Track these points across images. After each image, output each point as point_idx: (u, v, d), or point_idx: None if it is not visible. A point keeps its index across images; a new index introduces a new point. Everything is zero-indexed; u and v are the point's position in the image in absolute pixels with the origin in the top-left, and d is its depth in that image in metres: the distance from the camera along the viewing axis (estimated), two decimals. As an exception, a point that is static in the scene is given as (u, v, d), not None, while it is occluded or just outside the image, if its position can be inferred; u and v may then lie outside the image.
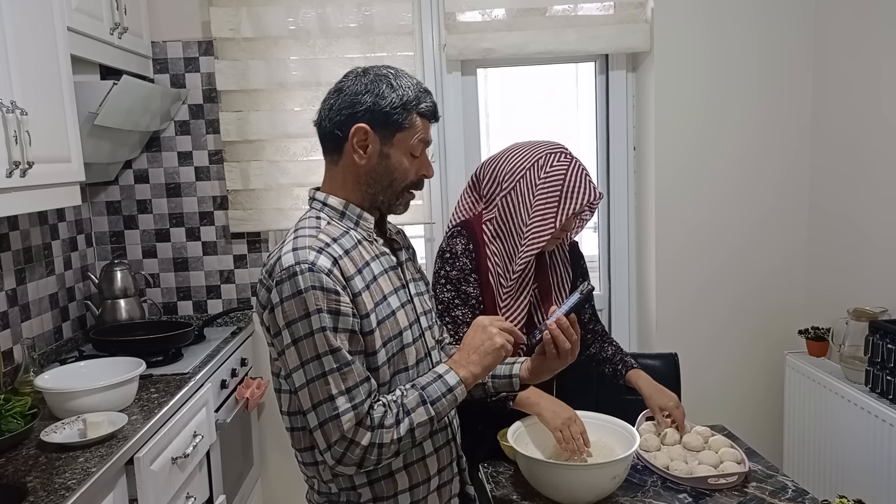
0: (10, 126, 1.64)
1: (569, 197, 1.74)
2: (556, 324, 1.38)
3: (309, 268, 1.20)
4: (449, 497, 1.43)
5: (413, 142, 1.32)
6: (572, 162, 1.78)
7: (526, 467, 1.64)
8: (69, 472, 1.53)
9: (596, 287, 3.08)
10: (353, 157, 1.31)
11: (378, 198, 1.34)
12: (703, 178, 2.83)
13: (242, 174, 2.77)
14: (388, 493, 1.33)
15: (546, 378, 1.47)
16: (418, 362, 1.35)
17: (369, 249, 1.33)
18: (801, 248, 2.90)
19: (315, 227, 1.30)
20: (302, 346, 1.21)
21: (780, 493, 1.62)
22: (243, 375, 2.69)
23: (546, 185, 1.75)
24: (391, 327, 1.29)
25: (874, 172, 2.48)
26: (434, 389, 1.27)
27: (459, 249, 1.81)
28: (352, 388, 1.21)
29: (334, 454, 1.22)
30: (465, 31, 2.74)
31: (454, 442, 1.44)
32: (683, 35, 2.75)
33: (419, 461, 1.35)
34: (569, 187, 1.74)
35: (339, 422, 1.20)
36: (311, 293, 1.19)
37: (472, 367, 1.30)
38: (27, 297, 2.31)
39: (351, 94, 1.30)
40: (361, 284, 1.26)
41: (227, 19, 2.67)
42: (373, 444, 1.22)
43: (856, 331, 2.36)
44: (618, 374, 1.96)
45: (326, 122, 1.32)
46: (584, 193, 1.74)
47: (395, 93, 1.29)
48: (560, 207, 1.74)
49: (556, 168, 1.76)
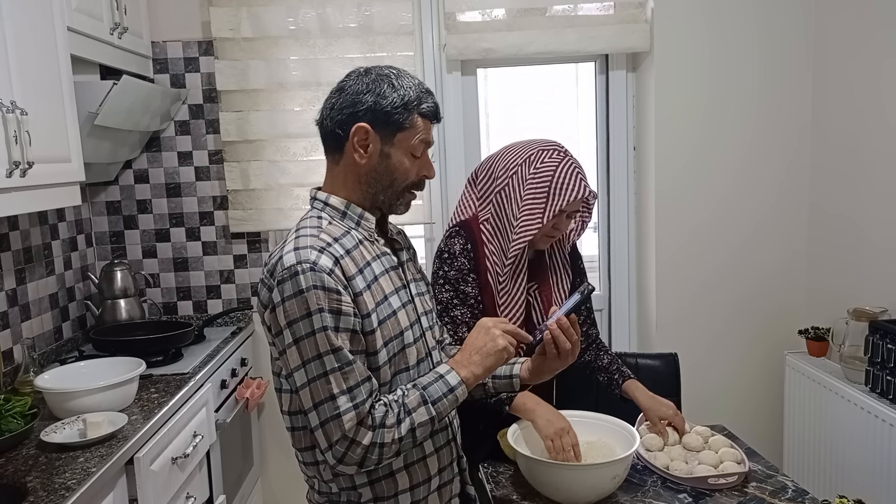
0: (10, 126, 1.64)
1: (557, 192, 1.75)
2: (556, 324, 1.38)
3: (311, 267, 1.21)
4: (449, 497, 1.43)
5: (414, 142, 1.32)
6: (564, 159, 1.79)
7: (526, 467, 1.64)
8: (69, 472, 1.53)
9: (596, 287, 3.09)
10: (353, 156, 1.31)
11: (379, 197, 1.35)
12: (704, 178, 2.83)
13: (242, 174, 2.77)
14: (389, 493, 1.33)
15: (546, 378, 1.47)
16: (419, 362, 1.36)
17: (370, 249, 1.33)
18: (801, 248, 2.90)
19: (317, 226, 1.30)
20: (303, 345, 1.21)
21: (780, 493, 1.62)
22: (243, 375, 2.69)
23: (535, 180, 1.77)
24: (392, 327, 1.30)
25: (874, 172, 2.48)
26: (435, 389, 1.27)
27: (457, 249, 1.82)
28: (353, 388, 1.21)
29: (335, 454, 1.22)
30: (465, 31, 2.74)
31: (454, 442, 1.44)
32: (683, 35, 2.75)
33: (420, 461, 1.36)
34: (557, 183, 1.75)
35: (341, 421, 1.20)
36: (313, 293, 1.20)
37: (474, 368, 1.30)
38: (27, 297, 2.31)
39: (352, 93, 1.30)
40: (363, 284, 1.27)
41: (227, 19, 2.67)
42: (374, 444, 1.22)
43: (856, 331, 2.36)
44: (613, 384, 1.95)
45: (328, 121, 1.33)
46: (573, 190, 1.75)
47: (397, 92, 1.29)
48: (548, 202, 1.75)
49: (547, 164, 1.78)
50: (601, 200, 3.03)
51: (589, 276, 3.07)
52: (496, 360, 1.32)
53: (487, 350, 1.31)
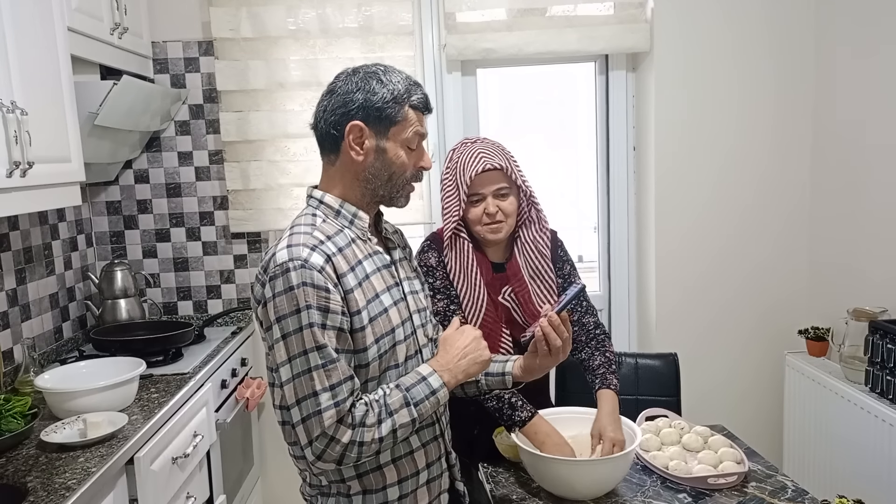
0: (10, 126, 1.64)
1: (461, 173, 1.78)
2: (547, 322, 1.42)
3: (301, 264, 1.23)
4: (438, 492, 1.45)
5: (408, 134, 1.35)
6: (466, 143, 1.83)
7: (530, 463, 1.65)
8: (69, 472, 1.53)
9: (596, 287, 3.10)
10: (350, 154, 1.33)
11: (379, 192, 1.37)
12: (703, 178, 2.83)
13: (242, 174, 2.77)
14: (378, 486, 1.35)
15: (538, 376, 1.50)
16: (408, 359, 1.38)
17: (362, 248, 1.36)
18: (801, 248, 2.90)
19: (311, 224, 1.33)
20: (290, 341, 1.23)
21: (779, 492, 1.62)
22: (243, 375, 2.69)
23: (447, 171, 1.83)
24: (383, 324, 1.32)
25: (874, 173, 2.47)
26: (418, 391, 1.30)
27: (433, 262, 1.85)
28: (335, 386, 1.23)
29: (315, 450, 1.24)
30: (465, 32, 2.74)
31: (443, 439, 1.46)
32: (683, 35, 2.75)
33: (407, 455, 1.38)
34: (460, 165, 1.79)
35: (321, 418, 1.22)
36: (302, 289, 1.22)
37: (457, 373, 1.35)
38: (27, 297, 2.32)
39: (343, 93, 1.33)
40: (353, 282, 1.29)
41: (227, 19, 2.67)
42: (353, 442, 1.24)
43: (856, 331, 2.36)
44: (593, 386, 1.90)
45: (322, 123, 1.35)
46: (472, 166, 1.77)
47: (386, 88, 1.32)
48: (457, 185, 1.79)
49: (452, 154, 1.83)
50: (601, 201, 3.03)
51: (589, 276, 3.06)
52: (478, 370, 1.39)
53: (474, 358, 1.37)
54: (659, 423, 1.91)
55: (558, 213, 2.96)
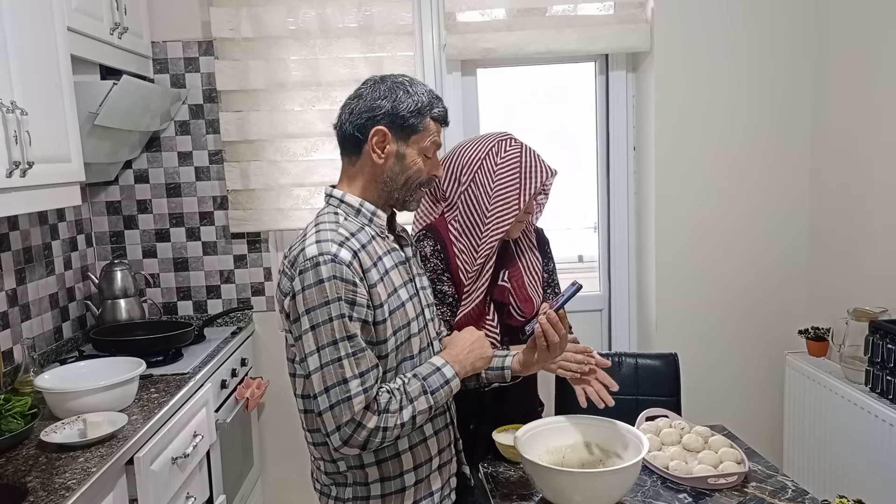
0: (10, 126, 1.64)
1: (529, 176, 1.77)
2: (545, 318, 1.49)
3: (331, 259, 1.31)
4: (448, 476, 1.55)
5: (426, 143, 1.45)
6: (524, 145, 1.83)
7: (531, 472, 1.63)
8: (69, 472, 1.53)
9: (596, 287, 3.10)
10: (371, 157, 1.42)
11: (393, 195, 1.46)
12: (703, 178, 2.83)
13: (242, 174, 2.77)
14: (395, 473, 1.44)
15: (536, 370, 1.60)
16: (421, 351, 1.47)
17: (382, 245, 1.44)
18: (801, 249, 2.90)
19: (335, 221, 1.40)
20: (319, 331, 1.30)
21: (779, 493, 1.62)
22: (243, 375, 2.69)
23: (504, 169, 1.78)
24: (400, 318, 1.41)
25: (874, 172, 2.47)
26: (434, 380, 1.40)
27: (428, 251, 1.83)
28: (364, 373, 1.32)
29: (342, 435, 1.31)
30: (465, 31, 2.74)
31: (452, 426, 1.57)
32: (683, 35, 2.75)
33: (421, 443, 1.47)
34: (527, 167, 1.78)
35: (351, 403, 1.30)
36: (332, 282, 1.30)
37: (466, 365, 1.46)
38: (27, 297, 2.31)
39: (370, 99, 1.42)
40: (377, 276, 1.37)
41: (227, 19, 2.67)
42: (378, 428, 1.32)
43: (856, 331, 2.36)
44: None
45: (347, 125, 1.44)
46: (541, 172, 1.79)
47: (412, 98, 1.42)
48: (521, 188, 1.77)
49: (511, 152, 1.80)
50: (601, 200, 3.03)
51: (589, 276, 3.07)
52: (483, 365, 1.51)
53: (479, 354, 1.49)
54: (659, 423, 1.91)
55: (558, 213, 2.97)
